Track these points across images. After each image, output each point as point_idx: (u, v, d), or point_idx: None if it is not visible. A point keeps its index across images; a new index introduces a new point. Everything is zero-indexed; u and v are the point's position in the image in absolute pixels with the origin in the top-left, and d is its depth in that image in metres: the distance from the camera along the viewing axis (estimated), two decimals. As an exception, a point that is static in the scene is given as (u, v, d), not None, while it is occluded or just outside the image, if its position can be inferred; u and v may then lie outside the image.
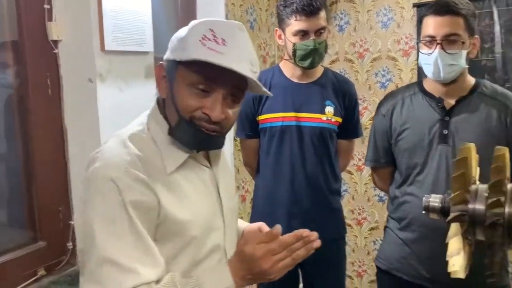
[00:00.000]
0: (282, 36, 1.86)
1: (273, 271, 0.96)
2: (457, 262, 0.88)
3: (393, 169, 1.74)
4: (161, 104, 1.05)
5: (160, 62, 1.03)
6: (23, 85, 1.60)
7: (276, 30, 1.90)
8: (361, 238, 3.09)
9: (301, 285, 2.07)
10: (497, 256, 0.86)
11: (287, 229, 2.02)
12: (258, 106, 1.90)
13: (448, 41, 1.51)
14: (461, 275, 0.88)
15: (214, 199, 1.08)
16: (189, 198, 1.00)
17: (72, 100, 1.67)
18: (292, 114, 1.85)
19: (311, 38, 1.78)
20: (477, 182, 0.96)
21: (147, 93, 1.73)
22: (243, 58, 0.95)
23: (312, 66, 1.83)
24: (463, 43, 1.51)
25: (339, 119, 1.90)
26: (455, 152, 1.48)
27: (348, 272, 3.15)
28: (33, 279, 1.59)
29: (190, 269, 0.99)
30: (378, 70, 2.91)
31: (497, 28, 2.46)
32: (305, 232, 0.94)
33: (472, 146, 0.96)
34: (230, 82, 0.97)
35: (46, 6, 1.61)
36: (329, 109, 1.87)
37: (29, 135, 1.61)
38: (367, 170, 2.98)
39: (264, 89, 1.01)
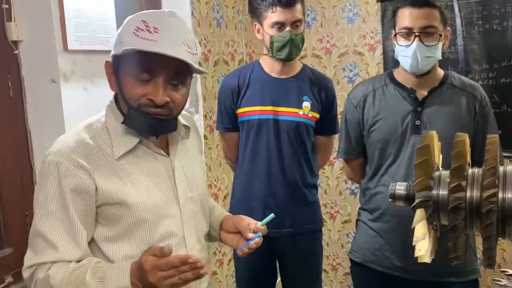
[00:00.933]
0: (261, 30, 1.89)
1: (160, 285, 0.98)
2: (423, 247, 0.90)
3: (364, 161, 1.76)
4: (117, 97, 1.12)
5: (107, 60, 1.09)
6: (-17, 87, 1.55)
7: (255, 24, 1.93)
8: (335, 231, 3.13)
9: (279, 277, 2.09)
10: (460, 239, 0.89)
11: (262, 220, 2.01)
12: (237, 99, 1.92)
13: (425, 33, 1.52)
14: (427, 259, 0.90)
15: (167, 187, 1.13)
16: (136, 183, 1.07)
17: (35, 102, 1.62)
18: (269, 108, 1.88)
19: (287, 29, 1.81)
20: (440, 169, 0.98)
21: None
22: (177, 42, 1.02)
23: (289, 57, 1.85)
24: (440, 35, 1.54)
25: (316, 115, 1.93)
26: None
27: (324, 266, 3.18)
28: (0, 286, 1.55)
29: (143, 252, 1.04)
30: (346, 65, 2.94)
31: (458, 21, 2.53)
32: (190, 259, 0.97)
33: (434, 133, 0.98)
34: (169, 67, 1.03)
35: (5, 6, 1.57)
36: (306, 104, 1.90)
37: (-9, 139, 1.57)
38: (338, 164, 3.01)
39: (200, 68, 1.07)
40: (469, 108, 1.58)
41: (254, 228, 1.23)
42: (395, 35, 1.59)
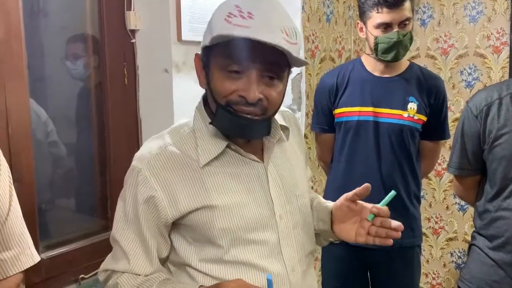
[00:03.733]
0: (364, 29, 1.75)
1: None
2: None
3: (480, 178, 1.55)
4: (205, 96, 1.00)
5: (196, 53, 0.97)
6: (101, 74, 1.61)
7: (358, 23, 1.80)
8: (437, 248, 2.87)
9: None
10: None
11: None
12: (334, 98, 1.81)
13: None
14: None
15: (260, 196, 0.98)
16: (224, 192, 0.95)
17: (147, 90, 1.65)
18: (370, 109, 1.74)
19: (395, 30, 1.66)
20: None
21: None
22: (274, 28, 0.85)
23: (395, 59, 1.71)
24: None
25: (423, 118, 1.75)
26: None
27: (421, 284, 2.95)
28: (103, 268, 1.59)
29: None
30: (464, 68, 2.68)
31: None
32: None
33: None
34: (264, 58, 0.88)
35: (126, -4, 1.61)
36: (412, 106, 1.73)
37: (105, 124, 1.61)
38: (447, 176, 2.76)
39: (301, 59, 0.90)
40: None
41: (375, 211, 1.07)
42: None
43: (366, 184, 1.05)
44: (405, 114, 1.73)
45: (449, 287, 2.88)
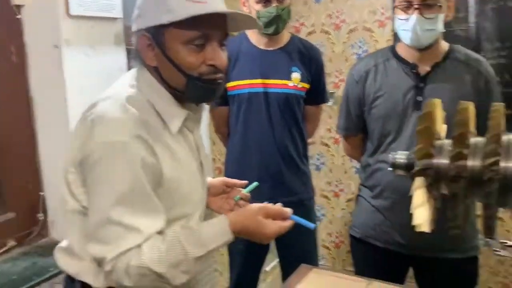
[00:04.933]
0: (246, 4, 1.87)
1: (264, 243, 1.07)
2: (421, 215, 0.88)
3: (364, 137, 1.73)
4: (151, 71, 1.03)
5: (144, 34, 0.99)
6: (-16, 52, 1.55)
7: None
8: (338, 209, 3.12)
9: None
10: (460, 208, 0.87)
11: (257, 191, 2.03)
12: (226, 72, 1.90)
13: (425, 5, 1.46)
14: (425, 228, 0.89)
15: (197, 162, 1.12)
16: (182, 160, 1.04)
17: (38, 67, 1.62)
18: (259, 81, 1.86)
19: (274, 5, 1.79)
20: (443, 138, 0.96)
21: (116, 60, 1.69)
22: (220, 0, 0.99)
23: (276, 32, 1.84)
24: (440, 6, 1.48)
25: (306, 85, 1.92)
26: None
27: (325, 243, 3.19)
28: (2, 250, 1.57)
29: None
30: (355, 42, 2.89)
31: (471, -3, 2.46)
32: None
33: (438, 101, 0.96)
34: (219, 27, 1.00)
35: (8, -31, 1.55)
36: (296, 75, 1.89)
37: (-6, 104, 1.57)
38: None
39: (257, 20, 1.07)
40: (473, 83, 1.53)
41: (241, 195, 1.27)
42: (394, 8, 1.55)
43: (246, 182, 1.29)
44: (290, 83, 1.88)
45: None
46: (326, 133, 3.07)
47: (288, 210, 1.08)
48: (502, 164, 0.81)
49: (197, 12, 0.93)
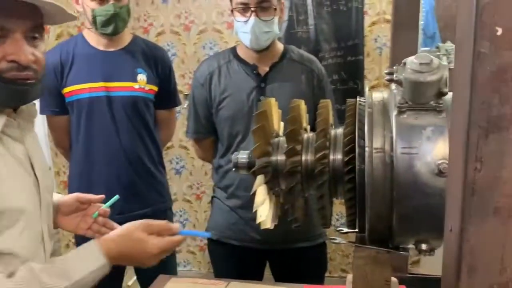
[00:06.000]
0: (80, 1, 1.71)
1: (151, 265, 0.96)
2: (263, 213, 0.89)
3: (215, 139, 1.74)
4: None
5: None
6: None
7: None
8: (201, 212, 3.11)
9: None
10: (298, 201, 0.90)
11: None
12: (61, 77, 1.73)
13: (261, 8, 1.53)
14: (268, 225, 0.90)
15: (30, 177, 0.95)
16: (3, 175, 0.87)
17: None
18: (100, 84, 1.73)
19: (111, 3, 1.67)
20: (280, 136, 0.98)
21: None
22: None
23: (115, 32, 1.72)
24: (275, 9, 1.56)
25: (154, 88, 1.83)
26: None
27: (190, 248, 3.16)
28: None
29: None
30: (206, 43, 2.90)
31: (308, 1, 2.64)
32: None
33: (273, 100, 0.98)
34: (24, 18, 0.86)
35: None
36: (141, 77, 1.78)
37: None
38: (202, 144, 2.98)
39: (69, 12, 0.91)
40: (308, 81, 1.65)
41: (101, 212, 1.15)
42: (232, 11, 1.59)
43: (103, 196, 1.14)
44: (136, 86, 1.77)
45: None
46: (184, 136, 3.02)
47: (176, 225, 1.01)
48: (331, 157, 0.86)
49: None
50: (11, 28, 0.85)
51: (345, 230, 0.97)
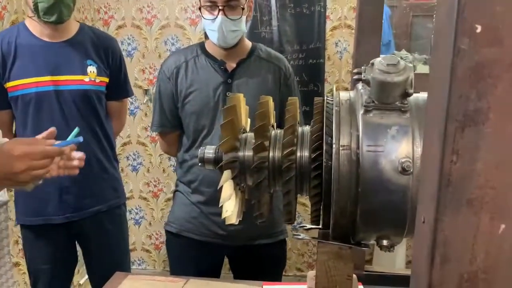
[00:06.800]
0: None
1: (25, 176, 0.92)
2: (229, 208, 0.89)
3: (180, 133, 1.73)
4: None
5: None
6: None
7: None
8: (158, 210, 3.06)
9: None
10: (264, 197, 0.90)
11: (60, 205, 1.83)
12: (3, 71, 1.64)
13: (229, 7, 1.54)
14: (233, 220, 0.90)
15: None
16: None
17: None
18: (47, 78, 1.65)
19: None
20: (247, 132, 0.98)
21: None
22: None
23: (60, 20, 1.62)
24: (243, 8, 1.57)
25: (106, 79, 1.77)
26: None
27: (146, 246, 3.10)
28: None
29: None
30: (167, 38, 2.86)
31: (273, 2, 2.66)
32: (67, 149, 0.99)
33: (241, 96, 0.98)
34: None
35: None
36: (92, 69, 1.73)
37: None
38: (160, 141, 2.94)
39: None
40: (275, 78, 1.67)
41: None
42: (200, 8, 1.59)
43: (52, 129, 1.16)
44: (86, 79, 1.71)
45: (171, 243, 3.11)
46: (142, 132, 2.97)
47: (50, 140, 1.02)
48: (298, 153, 0.87)
49: None
50: None
51: (308, 226, 0.99)
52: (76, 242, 1.88)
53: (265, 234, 1.66)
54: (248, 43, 1.69)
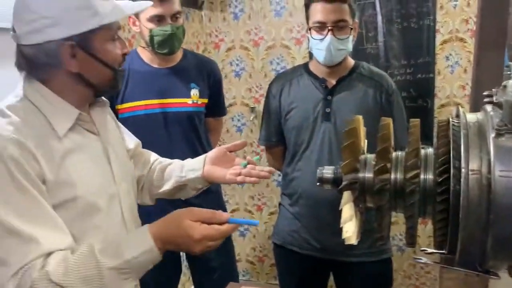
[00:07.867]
0: (137, 23, 1.80)
1: (199, 252, 0.97)
2: (350, 228, 0.91)
3: (284, 148, 1.83)
4: (41, 78, 1.00)
5: (70, 43, 0.97)
6: None
7: (130, 17, 1.83)
8: (261, 223, 3.14)
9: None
10: (385, 220, 0.91)
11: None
12: (117, 94, 1.81)
13: (337, 27, 1.59)
14: (353, 240, 0.91)
15: (105, 167, 1.08)
16: (81, 165, 1.00)
17: None
18: (155, 101, 1.81)
19: (168, 23, 1.75)
20: (366, 153, 1.00)
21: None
22: None
23: (172, 52, 1.80)
24: (351, 28, 1.61)
25: (206, 100, 1.92)
26: (337, 129, 1.60)
27: (249, 258, 3.19)
28: None
29: (87, 235, 0.98)
30: (273, 58, 2.96)
31: (379, 18, 2.64)
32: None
33: (360, 118, 1.00)
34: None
35: None
36: (195, 92, 1.87)
37: None
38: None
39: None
40: (375, 95, 1.68)
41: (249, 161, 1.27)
42: (309, 29, 1.65)
43: (244, 141, 1.32)
44: (190, 101, 1.86)
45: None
46: (248, 148, 3.09)
47: (226, 214, 1.02)
48: (422, 176, 0.86)
49: (129, 12, 1.04)
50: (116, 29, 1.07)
51: (430, 250, 0.97)
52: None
53: (367, 253, 1.66)
54: (351, 61, 1.73)
